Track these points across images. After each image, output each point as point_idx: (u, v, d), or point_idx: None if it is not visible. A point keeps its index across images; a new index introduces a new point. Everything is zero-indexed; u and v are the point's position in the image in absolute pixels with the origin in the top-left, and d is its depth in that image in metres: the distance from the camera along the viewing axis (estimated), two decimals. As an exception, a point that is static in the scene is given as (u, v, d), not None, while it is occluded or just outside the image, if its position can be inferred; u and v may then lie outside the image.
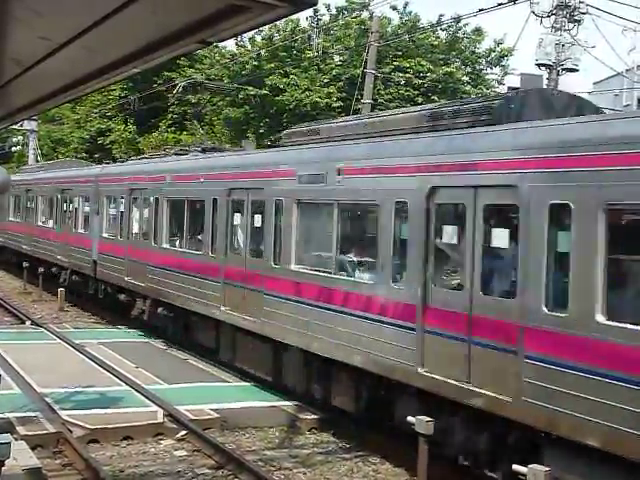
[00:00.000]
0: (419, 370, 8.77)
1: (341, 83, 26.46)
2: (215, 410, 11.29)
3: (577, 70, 25.73)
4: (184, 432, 10.45)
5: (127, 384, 12.42)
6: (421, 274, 8.83)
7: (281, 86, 26.23)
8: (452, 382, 8.30)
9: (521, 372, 7.42)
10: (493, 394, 7.77)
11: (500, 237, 8.06)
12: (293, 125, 27.93)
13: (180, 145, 20.71)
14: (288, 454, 10.16)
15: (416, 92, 26.24)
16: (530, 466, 7.19)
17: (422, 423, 8.37)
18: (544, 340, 7.21)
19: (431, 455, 8.44)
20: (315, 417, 11.29)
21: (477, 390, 8.00)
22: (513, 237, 7.87)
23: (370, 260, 10.16)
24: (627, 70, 29.36)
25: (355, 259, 10.65)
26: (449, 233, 8.77)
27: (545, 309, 7.27)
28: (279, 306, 11.56)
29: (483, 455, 8.41)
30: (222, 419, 11.06)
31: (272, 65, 26.67)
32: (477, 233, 8.20)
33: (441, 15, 26.67)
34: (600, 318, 6.75)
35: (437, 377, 8.52)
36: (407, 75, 26.17)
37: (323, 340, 10.52)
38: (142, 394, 11.80)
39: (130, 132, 34.29)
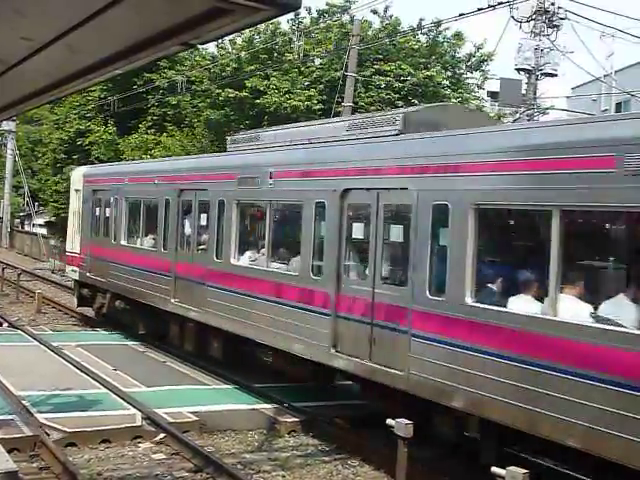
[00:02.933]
0: None
1: (321, 86, 26.50)
2: (194, 413, 11.24)
3: (556, 75, 26.01)
4: (162, 435, 10.40)
5: (105, 387, 12.33)
6: None
7: (261, 88, 26.20)
8: None
9: None
10: None
11: None
12: (273, 127, 27.85)
13: None
14: (267, 457, 10.14)
15: (396, 95, 26.32)
16: (508, 468, 7.25)
17: (401, 426, 8.40)
18: None
19: (410, 457, 8.46)
20: (295, 420, 11.28)
21: None
22: None
23: None
24: (605, 75, 29.70)
25: None
26: None
27: None
28: None
29: None
30: (201, 422, 11.01)
31: (252, 67, 26.64)
32: None
33: (421, 19, 26.79)
34: None
35: None
36: (388, 78, 26.25)
37: None
38: (120, 397, 11.73)
39: (110, 133, 34.07)
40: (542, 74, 25.58)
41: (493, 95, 31.37)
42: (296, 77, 26.68)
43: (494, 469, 7.38)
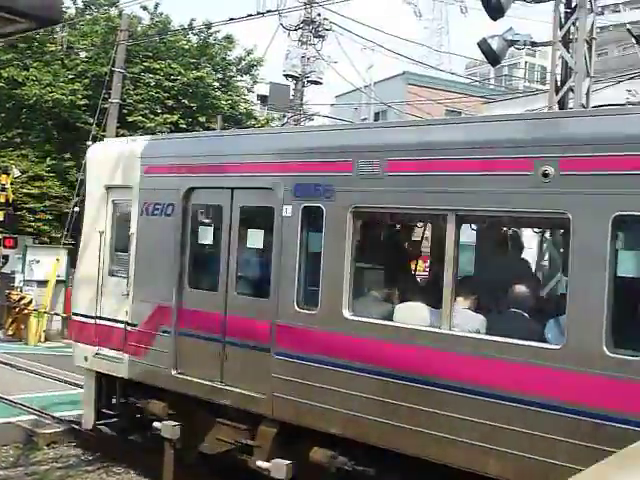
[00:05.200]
0: None
1: (87, 80, 25.49)
2: (-61, 430, 10.36)
3: (321, 83, 27.32)
4: None
5: None
6: None
7: (20, 79, 24.65)
8: None
9: None
10: None
11: None
12: (33, 121, 26.31)
13: None
14: (24, 472, 9.65)
15: (166, 94, 26.06)
16: (273, 461, 7.52)
17: (168, 428, 8.40)
18: None
19: (177, 460, 8.50)
20: (55, 431, 10.82)
21: None
22: None
23: None
24: (365, 86, 31.67)
25: None
26: None
27: None
28: None
29: None
30: (-52, 440, 10.18)
31: (9, 56, 24.96)
32: None
33: (193, 19, 26.79)
34: None
35: None
36: (157, 77, 25.90)
37: None
38: None
39: None
40: (308, 81, 26.75)
41: (263, 99, 32.15)
42: (59, 69, 25.45)
43: (259, 463, 7.62)
